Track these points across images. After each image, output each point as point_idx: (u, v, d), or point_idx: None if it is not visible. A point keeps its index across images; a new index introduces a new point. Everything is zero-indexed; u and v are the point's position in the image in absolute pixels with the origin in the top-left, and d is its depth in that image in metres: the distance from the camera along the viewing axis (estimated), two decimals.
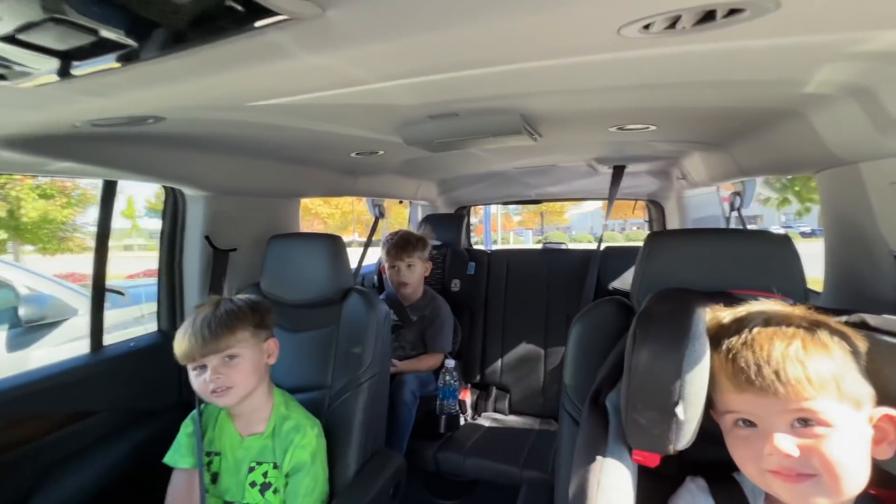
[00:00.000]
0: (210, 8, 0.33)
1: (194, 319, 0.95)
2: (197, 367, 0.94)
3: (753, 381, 0.53)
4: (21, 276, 2.49)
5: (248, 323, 0.98)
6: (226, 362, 0.94)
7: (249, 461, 0.98)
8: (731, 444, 0.59)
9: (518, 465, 1.48)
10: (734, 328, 0.59)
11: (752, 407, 0.55)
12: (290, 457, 0.97)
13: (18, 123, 0.65)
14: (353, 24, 0.38)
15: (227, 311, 0.97)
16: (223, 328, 0.94)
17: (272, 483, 0.97)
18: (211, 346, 0.92)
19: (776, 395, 0.52)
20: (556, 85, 0.71)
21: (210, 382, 0.92)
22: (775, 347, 0.53)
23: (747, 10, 0.39)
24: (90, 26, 0.34)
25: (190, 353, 0.92)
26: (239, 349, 0.95)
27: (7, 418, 1.01)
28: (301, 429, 1.00)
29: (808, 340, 0.53)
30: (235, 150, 1.17)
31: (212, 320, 0.94)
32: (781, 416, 0.52)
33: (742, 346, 0.56)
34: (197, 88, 0.55)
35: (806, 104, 0.78)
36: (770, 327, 0.56)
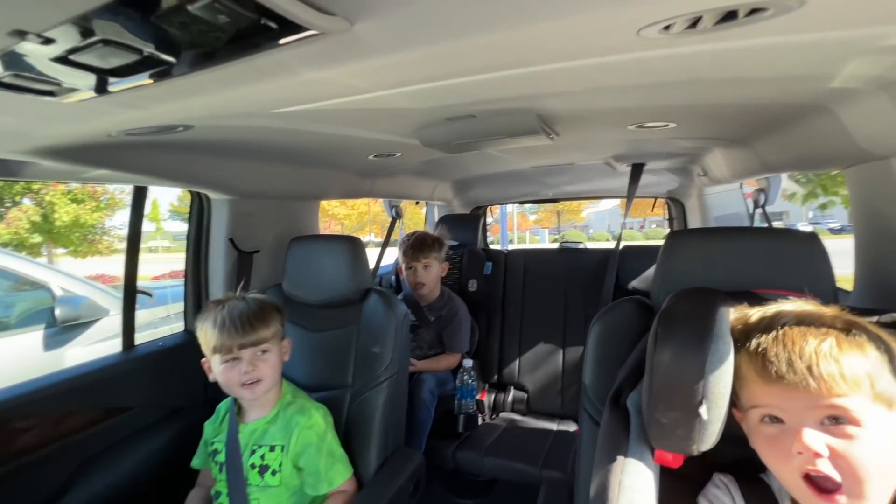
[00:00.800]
0: (246, 26, 0.35)
1: (229, 312, 0.97)
2: (229, 360, 0.96)
3: (784, 374, 0.52)
4: (56, 278, 2.61)
5: (276, 320, 1.03)
6: (258, 356, 0.98)
7: (251, 445, 1.01)
8: (757, 443, 0.58)
9: (537, 464, 1.47)
10: (764, 325, 0.58)
11: (781, 401, 0.54)
12: (297, 438, 0.99)
13: (59, 135, 0.69)
14: (379, 37, 0.39)
15: (261, 306, 1.01)
16: (261, 322, 0.98)
17: (269, 465, 0.99)
18: (251, 338, 0.96)
19: (807, 390, 0.50)
20: (573, 85, 0.71)
21: (244, 374, 0.95)
22: (808, 343, 0.52)
23: (770, 8, 0.39)
24: (136, 46, 0.36)
25: (227, 345, 0.95)
26: (270, 344, 1.00)
27: (47, 413, 1.06)
28: (306, 411, 1.03)
29: (843, 339, 0.52)
30: (258, 155, 1.20)
31: (250, 314, 0.97)
32: (811, 411, 0.51)
33: (773, 342, 0.55)
34: (225, 99, 0.58)
35: (833, 99, 0.76)
36: (802, 325, 0.55)
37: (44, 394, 1.07)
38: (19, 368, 2.19)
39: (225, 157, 1.17)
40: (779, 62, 0.59)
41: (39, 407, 1.05)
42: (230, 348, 0.95)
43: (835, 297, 0.73)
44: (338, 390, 1.22)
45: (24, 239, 8.75)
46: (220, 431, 1.07)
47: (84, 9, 0.31)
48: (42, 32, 0.33)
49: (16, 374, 1.12)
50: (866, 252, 0.96)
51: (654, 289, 0.84)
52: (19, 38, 0.33)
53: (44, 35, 0.33)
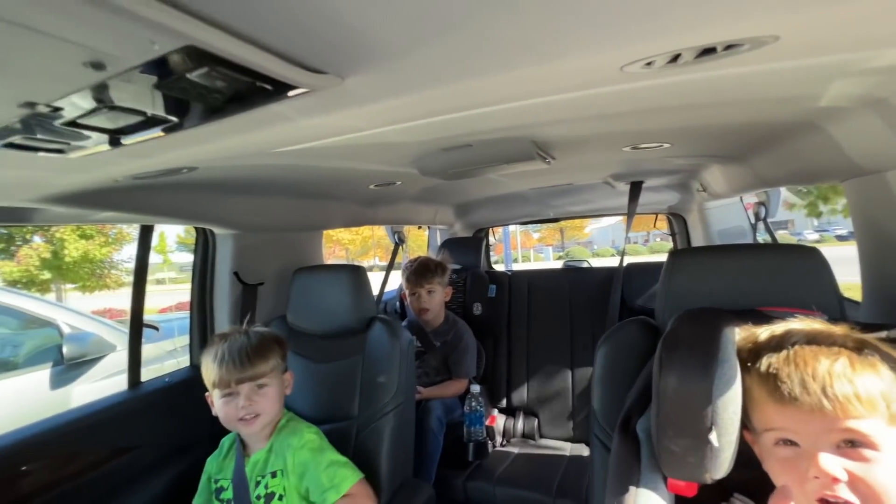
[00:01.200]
0: (243, 88, 0.37)
1: (229, 347, 0.98)
2: (227, 395, 0.97)
3: (798, 395, 0.50)
4: (63, 315, 2.63)
5: (276, 353, 1.03)
6: (256, 390, 0.98)
7: (255, 478, 1.00)
8: (771, 467, 0.56)
9: (550, 493, 1.43)
10: (774, 344, 0.57)
11: (795, 424, 0.52)
12: (293, 458, 0.98)
13: (68, 184, 0.72)
14: (370, 88, 0.41)
15: (260, 341, 1.01)
16: (258, 357, 0.98)
17: (275, 492, 0.98)
18: (248, 373, 0.96)
19: (822, 412, 0.49)
20: (564, 114, 0.73)
21: (241, 409, 0.95)
22: (821, 364, 0.51)
23: (745, 44, 0.40)
24: (140, 109, 0.38)
25: (225, 380, 0.95)
26: (268, 378, 1.00)
27: (54, 455, 1.05)
28: (297, 432, 1.02)
29: (855, 359, 0.51)
30: (260, 191, 1.23)
31: (248, 348, 0.98)
32: (827, 435, 0.50)
33: (784, 362, 0.53)
34: (228, 145, 0.60)
35: (823, 117, 0.77)
36: (813, 345, 0.53)
37: (51, 436, 1.06)
38: (25, 409, 2.19)
39: (228, 194, 1.20)
40: (763, 87, 0.61)
41: (46, 449, 1.04)
42: (228, 383, 0.96)
43: (842, 311, 0.73)
44: (343, 422, 1.20)
45: (35, 276, 8.87)
46: (224, 467, 1.06)
47: (90, 82, 0.32)
48: (50, 103, 0.35)
49: (22, 416, 1.12)
50: (871, 265, 0.96)
51: (658, 309, 0.83)
52: (30, 108, 0.35)
53: (52, 105, 0.35)
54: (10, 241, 9.11)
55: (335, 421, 1.20)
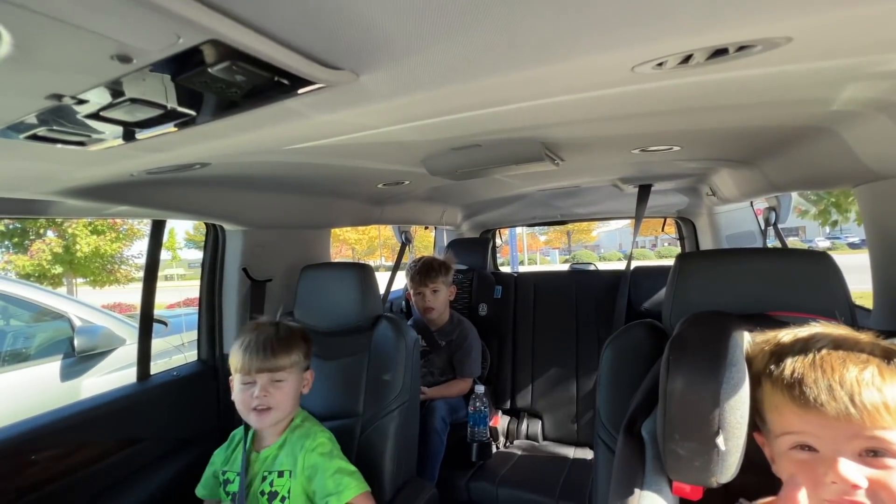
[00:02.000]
0: (262, 83, 0.38)
1: (256, 335, 1.01)
2: (245, 382, 0.99)
3: (824, 402, 0.50)
4: (75, 308, 2.67)
5: (300, 350, 1.05)
6: (272, 383, 1.00)
7: (262, 472, 1.01)
8: (783, 469, 0.56)
9: (553, 495, 1.43)
10: (798, 347, 0.56)
11: (817, 429, 0.51)
12: (303, 461, 0.99)
13: (85, 177, 0.73)
14: (384, 85, 0.42)
15: (287, 335, 1.04)
16: (281, 350, 1.01)
17: (279, 492, 0.98)
18: (267, 363, 0.99)
19: (847, 420, 0.48)
20: (574, 115, 0.73)
21: (255, 399, 0.97)
22: (849, 371, 0.50)
23: (758, 45, 0.40)
24: (159, 103, 0.40)
25: (245, 367, 0.98)
26: (286, 373, 1.01)
27: (63, 446, 1.07)
28: (311, 434, 1.02)
29: (884, 367, 0.50)
30: (270, 188, 1.24)
31: (274, 341, 1.00)
32: (850, 442, 0.49)
33: (809, 367, 0.52)
34: (241, 140, 0.61)
35: (835, 121, 0.77)
36: (840, 350, 0.53)
37: (61, 426, 1.08)
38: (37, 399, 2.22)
39: (239, 191, 1.21)
40: (775, 89, 0.61)
41: (57, 439, 1.06)
42: (248, 370, 0.98)
43: (853, 318, 0.72)
44: (348, 419, 1.21)
45: (47, 270, 9.01)
46: (232, 459, 1.07)
47: (116, 75, 0.33)
48: (76, 95, 0.36)
49: (33, 406, 1.14)
50: (883, 271, 0.95)
51: (665, 312, 0.83)
52: (56, 101, 0.37)
53: (78, 97, 0.37)
54: (24, 235, 9.27)
55: (340, 418, 1.21)
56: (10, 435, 1.00)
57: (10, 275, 8.65)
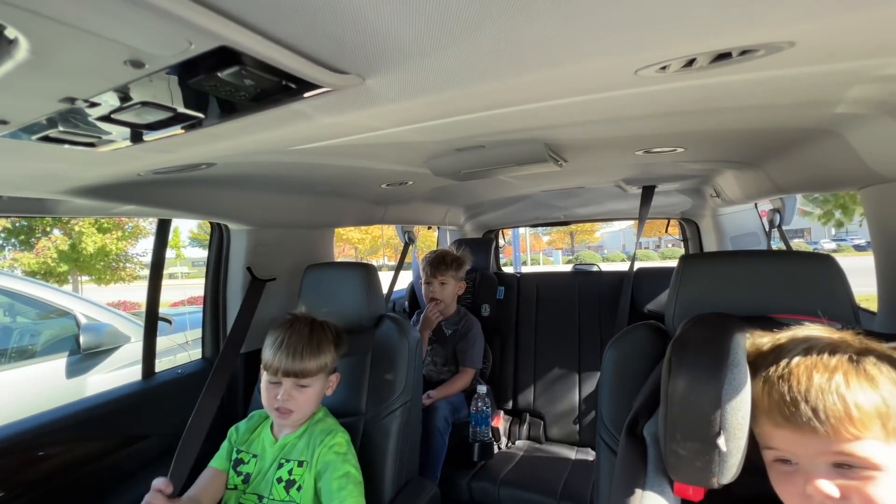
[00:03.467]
0: (269, 87, 0.38)
1: (289, 335, 1.01)
2: (272, 382, 1.01)
3: (790, 417, 0.50)
4: (80, 306, 2.69)
5: (329, 353, 1.05)
6: (297, 387, 1.01)
7: (279, 459, 1.02)
8: (772, 479, 0.57)
9: (555, 496, 1.43)
10: (772, 356, 0.55)
11: (790, 445, 0.52)
12: (319, 455, 1.00)
13: (94, 177, 0.74)
14: (389, 89, 0.43)
15: (318, 338, 1.04)
16: (310, 355, 1.01)
17: (296, 480, 1.00)
18: (294, 367, 0.99)
19: (815, 434, 0.48)
20: (578, 117, 0.73)
21: (278, 400, 0.99)
22: (814, 380, 0.49)
23: (761, 49, 0.40)
24: (169, 106, 0.40)
25: (273, 367, 1.00)
26: (312, 379, 1.02)
27: (68, 442, 1.08)
28: (333, 432, 1.04)
29: (852, 372, 0.49)
30: (274, 187, 1.25)
31: (305, 344, 1.01)
32: (821, 456, 0.49)
33: (779, 379, 0.52)
34: (247, 142, 0.62)
35: (840, 123, 0.77)
36: (811, 356, 0.52)
37: (67, 422, 1.09)
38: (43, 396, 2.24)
39: (244, 190, 1.22)
40: (779, 92, 0.61)
41: (62, 436, 1.07)
42: (276, 371, 1.00)
43: (856, 320, 0.72)
44: (351, 418, 1.21)
45: (53, 268, 9.08)
46: (250, 441, 1.08)
47: (128, 79, 0.34)
48: (89, 98, 0.37)
49: (40, 403, 1.15)
50: (888, 274, 0.94)
51: (667, 313, 0.83)
52: (69, 104, 0.37)
53: (90, 100, 0.37)
54: (31, 232, 9.35)
55: (343, 416, 1.22)
56: (18, 431, 1.01)
57: (17, 272, 8.72)
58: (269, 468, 1.02)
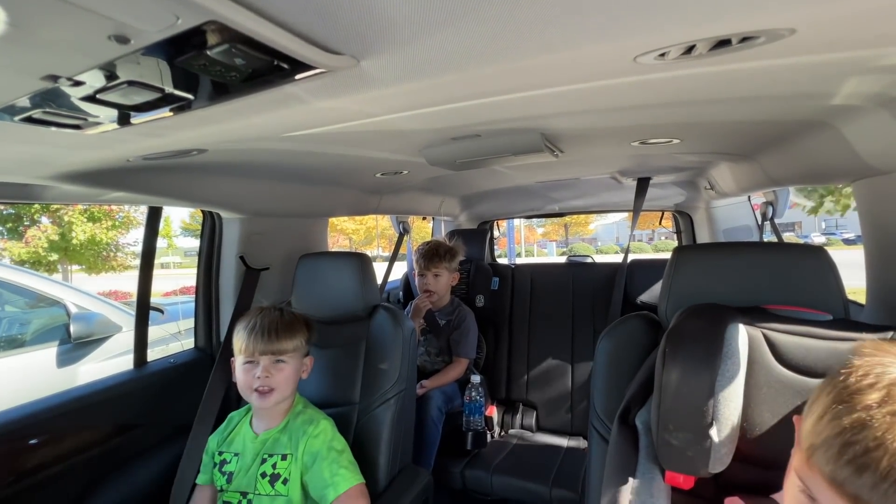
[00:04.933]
0: (261, 67, 0.37)
1: (261, 319, 1.04)
2: (248, 363, 1.02)
3: (860, 496, 0.40)
4: (70, 295, 2.66)
5: (302, 335, 1.08)
6: (274, 364, 1.02)
7: (262, 454, 1.03)
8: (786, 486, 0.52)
9: (547, 483, 1.45)
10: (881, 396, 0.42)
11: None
12: (305, 446, 1.00)
13: (81, 161, 0.73)
14: (384, 71, 0.42)
15: (290, 319, 1.07)
16: (285, 333, 1.04)
17: (281, 474, 1.00)
18: (270, 346, 1.02)
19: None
20: (575, 106, 0.73)
21: (257, 379, 1.00)
22: None
23: (761, 37, 0.40)
24: (157, 86, 0.39)
25: (249, 349, 1.01)
26: (288, 356, 1.04)
27: (59, 432, 1.07)
28: (314, 421, 1.04)
29: None
30: (268, 175, 1.23)
31: (278, 324, 1.04)
32: None
33: (876, 447, 0.40)
34: (238, 126, 0.60)
35: (835, 116, 0.77)
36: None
37: (57, 412, 1.08)
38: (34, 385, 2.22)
39: (237, 178, 1.20)
40: (777, 82, 0.61)
41: (53, 425, 1.07)
42: (252, 352, 1.01)
43: (846, 312, 0.73)
44: (345, 407, 1.22)
45: (42, 257, 8.95)
46: (229, 441, 1.08)
47: (113, 56, 0.33)
48: (73, 76, 0.36)
49: (30, 391, 1.14)
50: (877, 266, 0.95)
51: (661, 304, 0.84)
52: (52, 82, 0.36)
53: (74, 78, 0.36)
54: (18, 220, 9.19)
55: (337, 406, 1.22)
56: (8, 420, 1.00)
57: (5, 261, 8.59)
58: (251, 464, 1.02)
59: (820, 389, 0.48)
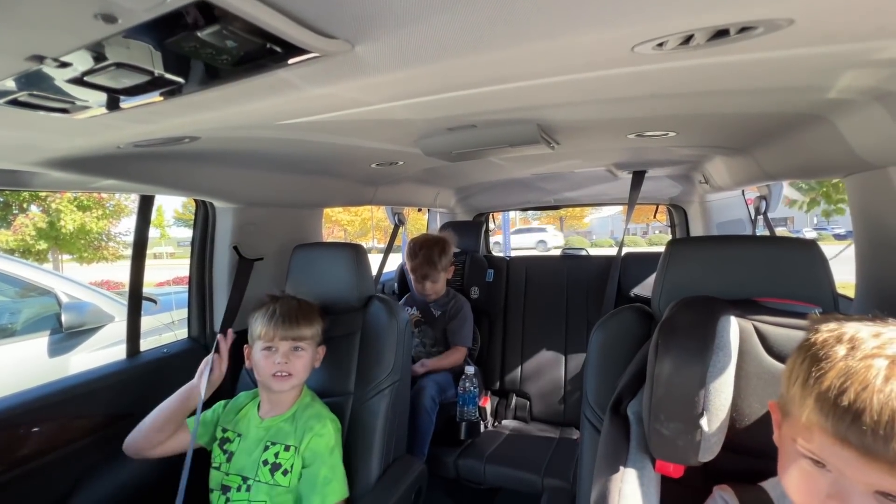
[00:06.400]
0: (252, 50, 0.36)
1: (280, 306, 1.06)
2: (267, 348, 1.04)
3: (864, 444, 0.41)
4: (61, 284, 2.63)
5: (318, 323, 1.11)
6: (293, 351, 1.05)
7: (266, 441, 1.03)
8: (786, 466, 0.52)
9: (539, 473, 1.47)
10: (847, 348, 0.46)
11: (842, 463, 0.44)
12: (308, 443, 1.01)
13: (70, 147, 0.71)
14: (379, 57, 0.41)
15: (308, 308, 1.10)
16: (305, 321, 1.06)
17: (282, 464, 1.01)
18: (291, 332, 1.04)
19: (888, 469, 0.41)
20: (571, 97, 0.72)
21: (276, 364, 1.02)
22: None
23: (760, 27, 0.40)
24: (146, 68, 0.38)
25: (269, 334, 1.03)
26: (306, 343, 1.07)
27: (53, 420, 1.07)
28: (321, 419, 1.05)
29: None
30: (262, 165, 1.22)
31: (297, 311, 1.06)
32: (873, 485, 0.43)
33: (864, 389, 0.42)
34: (231, 113, 0.59)
35: (830, 109, 0.77)
36: None
37: (49, 401, 1.08)
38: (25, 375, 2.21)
39: (230, 167, 1.19)
40: (774, 75, 0.60)
41: (46, 413, 1.06)
42: (272, 338, 1.03)
43: (835, 305, 0.74)
44: (340, 397, 1.22)
45: (31, 246, 8.83)
46: (236, 420, 1.09)
47: (100, 36, 0.32)
48: (59, 57, 0.35)
49: (21, 381, 1.13)
50: (867, 260, 0.97)
51: (654, 296, 0.84)
52: (37, 62, 0.35)
53: (60, 59, 0.35)
54: (7, 209, 9.05)
55: (332, 395, 1.22)
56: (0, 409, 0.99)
57: None
58: (253, 449, 1.02)
59: (792, 364, 0.51)
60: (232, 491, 1.00)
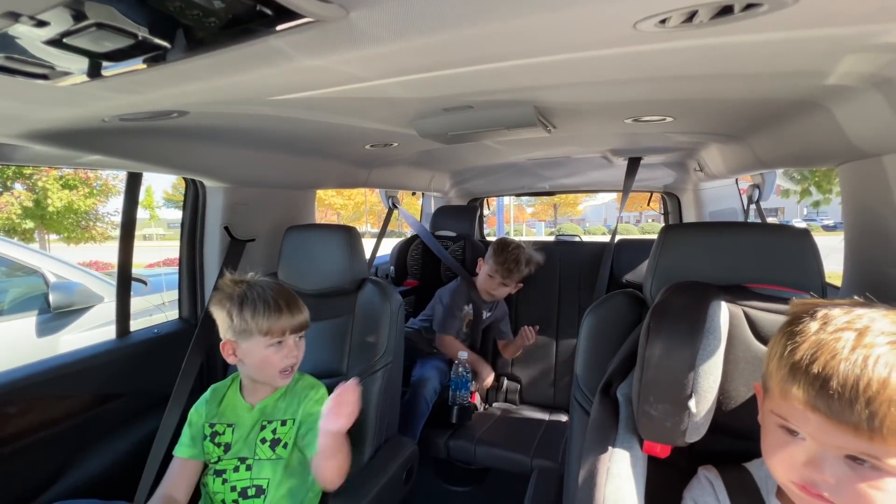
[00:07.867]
0: (241, 12, 0.35)
1: (269, 295, 0.95)
2: (274, 343, 0.95)
3: (832, 409, 0.44)
4: (49, 264, 2.59)
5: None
6: (297, 341, 1.00)
7: (261, 421, 1.03)
8: (766, 436, 0.55)
9: (528, 453, 1.50)
10: (820, 324, 0.48)
11: (814, 429, 0.46)
12: (305, 408, 1.01)
13: (52, 119, 0.69)
14: (374, 25, 0.39)
15: (291, 292, 1.01)
16: (300, 303, 1.00)
17: (281, 438, 1.01)
18: (297, 322, 0.97)
19: (854, 432, 0.43)
20: (570, 78, 0.71)
21: (284, 359, 0.96)
22: (881, 378, 0.42)
23: (765, 4, 0.39)
24: (130, 31, 0.36)
25: (278, 329, 0.94)
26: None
27: (42, 399, 1.06)
28: (315, 386, 1.06)
29: None
30: (253, 143, 1.19)
31: (292, 299, 0.98)
32: (844, 449, 0.45)
33: (832, 358, 0.45)
34: (221, 85, 0.57)
35: (828, 96, 0.77)
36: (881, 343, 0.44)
37: (39, 379, 1.07)
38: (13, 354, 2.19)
39: (220, 145, 1.16)
40: (775, 57, 0.60)
41: (34, 392, 1.05)
42: (283, 332, 0.95)
43: (823, 294, 0.75)
44: (333, 379, 1.22)
45: (16, 224, 8.66)
46: (220, 412, 1.05)
47: None
48: (36, 15, 0.33)
49: (9, 360, 1.12)
50: (856, 249, 0.98)
51: (647, 281, 0.85)
52: (12, 20, 0.33)
53: (37, 17, 0.33)
54: None
55: (325, 377, 1.22)
56: None
57: None
58: (249, 433, 1.02)
59: (773, 343, 0.55)
60: (228, 473, 1.00)
